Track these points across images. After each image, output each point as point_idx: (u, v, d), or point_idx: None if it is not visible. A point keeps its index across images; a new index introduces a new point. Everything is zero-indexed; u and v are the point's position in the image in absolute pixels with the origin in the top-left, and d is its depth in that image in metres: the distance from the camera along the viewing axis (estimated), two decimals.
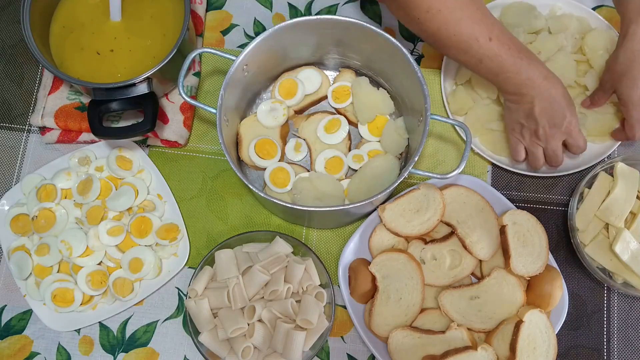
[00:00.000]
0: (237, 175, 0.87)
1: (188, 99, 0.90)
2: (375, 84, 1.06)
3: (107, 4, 0.99)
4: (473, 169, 1.07)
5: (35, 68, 1.12)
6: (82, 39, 1.00)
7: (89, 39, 1.00)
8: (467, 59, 0.88)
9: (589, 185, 1.01)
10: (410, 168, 0.86)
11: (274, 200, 0.87)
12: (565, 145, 0.96)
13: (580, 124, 0.95)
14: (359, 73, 1.07)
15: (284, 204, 0.86)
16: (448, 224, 0.98)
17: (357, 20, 0.91)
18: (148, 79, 0.95)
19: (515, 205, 1.00)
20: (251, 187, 0.86)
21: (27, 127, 1.10)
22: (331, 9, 1.15)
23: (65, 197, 1.01)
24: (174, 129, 1.05)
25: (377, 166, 1.00)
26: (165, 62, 0.94)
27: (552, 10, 1.11)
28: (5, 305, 1.01)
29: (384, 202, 0.98)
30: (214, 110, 0.90)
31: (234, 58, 0.91)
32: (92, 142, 1.06)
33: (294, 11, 1.15)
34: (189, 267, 1.03)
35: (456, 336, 0.91)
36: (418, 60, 1.12)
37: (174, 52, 0.95)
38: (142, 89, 0.95)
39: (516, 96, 0.91)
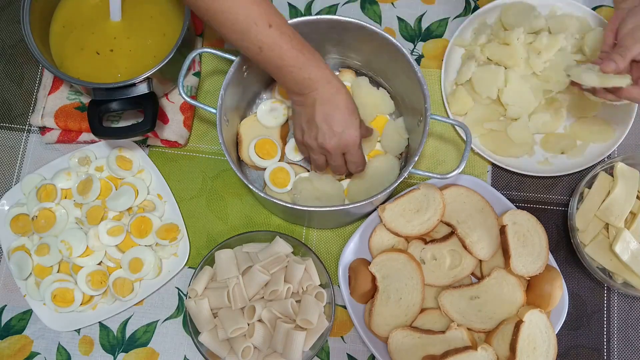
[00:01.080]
0: (237, 175, 0.87)
1: (188, 99, 0.90)
2: (375, 84, 1.06)
3: (107, 4, 0.99)
4: (473, 169, 1.07)
5: (35, 68, 1.12)
6: (82, 39, 1.00)
7: (89, 39, 1.00)
8: (246, 45, 0.81)
9: (589, 185, 1.01)
10: (410, 168, 0.86)
11: (274, 200, 0.87)
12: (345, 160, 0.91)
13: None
14: (359, 73, 1.07)
15: (284, 204, 0.86)
16: (448, 224, 0.98)
17: (357, 20, 0.91)
18: (148, 79, 0.95)
19: (515, 205, 1.00)
20: (251, 187, 0.86)
21: (27, 127, 1.10)
22: (331, 9, 1.15)
23: (65, 197, 1.01)
24: (174, 129, 1.05)
25: (377, 166, 1.00)
26: (165, 62, 0.94)
27: (552, 10, 1.11)
28: (5, 305, 1.01)
29: (384, 202, 0.98)
30: (214, 110, 0.90)
31: (234, 58, 0.91)
32: (92, 142, 1.06)
33: (294, 11, 1.15)
34: (189, 267, 1.03)
35: (456, 336, 0.91)
36: (418, 60, 1.12)
37: (174, 52, 0.95)
38: (142, 89, 0.95)
39: (300, 97, 0.86)
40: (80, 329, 1.00)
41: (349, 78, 1.05)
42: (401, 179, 0.87)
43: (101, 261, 0.99)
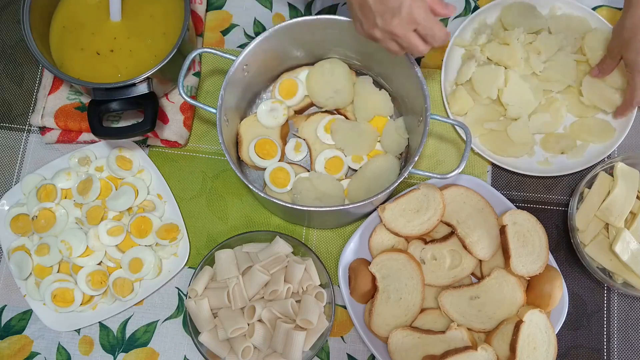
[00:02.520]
0: (237, 175, 0.87)
1: (188, 99, 0.90)
2: (376, 84, 1.06)
3: (107, 4, 0.99)
4: (473, 169, 1.07)
5: (35, 68, 1.12)
6: (82, 39, 1.00)
7: (89, 39, 1.00)
8: None
9: (589, 185, 1.01)
10: (410, 168, 0.86)
11: (274, 200, 0.87)
12: (420, 34, 0.79)
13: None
14: (359, 73, 1.07)
15: (284, 204, 0.86)
16: (448, 224, 0.98)
17: None
18: (148, 79, 0.95)
19: (515, 205, 1.00)
20: (251, 187, 0.86)
21: (27, 127, 1.10)
22: (331, 9, 1.15)
23: (65, 197, 1.01)
24: (174, 129, 1.05)
25: (377, 166, 1.00)
26: (165, 62, 0.94)
27: (552, 10, 1.11)
28: (5, 305, 1.01)
29: (384, 202, 0.98)
30: (214, 110, 0.90)
31: (234, 58, 0.91)
32: (92, 142, 1.06)
33: (294, 11, 1.15)
34: (189, 267, 1.03)
35: (456, 336, 0.91)
36: (418, 60, 1.12)
37: (174, 52, 0.95)
38: (142, 89, 0.95)
39: None
40: (80, 329, 1.00)
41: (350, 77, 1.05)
42: (401, 179, 0.87)
43: (101, 261, 0.99)
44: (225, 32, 1.14)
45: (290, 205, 0.86)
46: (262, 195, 0.87)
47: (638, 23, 0.91)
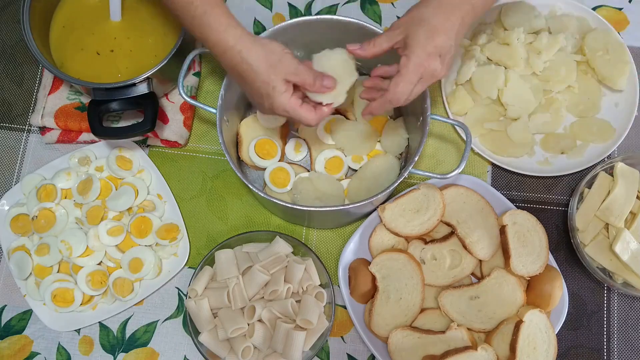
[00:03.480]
0: (237, 175, 0.87)
1: (188, 99, 0.90)
2: None
3: (107, 4, 0.99)
4: (473, 169, 1.07)
5: (35, 68, 1.12)
6: (82, 39, 1.00)
7: (89, 39, 1.00)
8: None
9: (589, 185, 1.01)
10: (410, 168, 0.86)
11: (274, 200, 0.87)
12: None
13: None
14: (359, 73, 1.06)
15: (284, 204, 0.86)
16: (448, 224, 0.98)
17: (357, 20, 0.91)
18: (148, 79, 0.95)
19: (515, 205, 1.00)
20: (251, 187, 0.86)
21: (27, 127, 1.10)
22: (331, 9, 1.15)
23: (65, 197, 1.01)
24: (174, 129, 1.05)
25: (377, 166, 1.00)
26: (165, 62, 0.94)
27: (552, 10, 1.11)
28: (5, 305, 1.01)
29: (384, 202, 0.98)
30: (214, 110, 0.90)
31: None
32: (92, 142, 1.06)
33: (294, 11, 1.15)
34: (189, 267, 1.03)
35: (456, 336, 0.91)
36: None
37: (174, 51, 0.95)
38: (142, 89, 0.95)
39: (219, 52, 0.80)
40: (80, 329, 1.00)
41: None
42: (401, 179, 0.87)
43: (101, 261, 0.99)
44: None
45: (290, 205, 0.86)
46: (262, 195, 0.87)
47: (451, 6, 0.77)
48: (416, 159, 0.87)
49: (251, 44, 0.77)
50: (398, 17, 1.14)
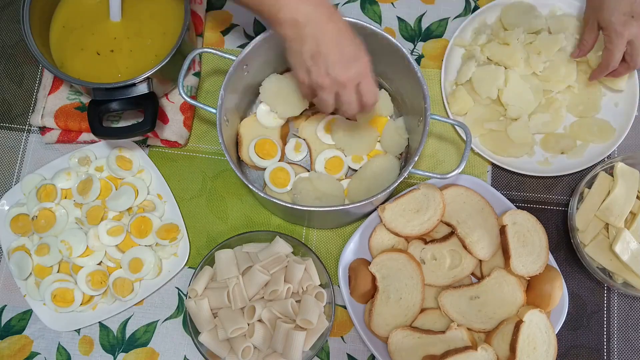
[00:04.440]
0: (237, 175, 0.87)
1: (188, 99, 0.90)
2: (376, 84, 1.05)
3: (107, 4, 0.99)
4: (473, 169, 1.07)
5: (35, 68, 1.12)
6: (82, 39, 1.00)
7: (89, 39, 1.00)
8: None
9: (589, 185, 1.01)
10: (410, 168, 0.86)
11: (274, 200, 0.87)
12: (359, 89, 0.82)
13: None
14: None
15: (284, 204, 0.86)
16: (448, 224, 0.98)
17: (357, 20, 0.91)
18: (148, 79, 0.95)
19: (515, 205, 1.00)
20: (251, 187, 0.86)
21: (27, 127, 1.10)
22: None
23: (65, 197, 1.01)
24: (174, 129, 1.05)
25: (377, 166, 1.00)
26: (165, 62, 0.94)
27: (552, 10, 1.11)
28: (5, 305, 1.01)
29: (384, 202, 0.98)
30: (214, 110, 0.90)
31: (234, 58, 0.91)
32: (92, 142, 1.06)
33: None
34: (189, 267, 1.03)
35: (456, 336, 0.91)
36: (418, 60, 1.12)
37: (174, 51, 0.95)
38: (142, 89, 0.95)
39: (293, 29, 0.76)
40: (80, 329, 1.00)
41: None
42: (401, 179, 0.87)
43: (101, 261, 0.99)
44: (225, 32, 1.14)
45: (290, 205, 0.86)
46: (262, 195, 0.87)
47: None
48: (416, 159, 0.87)
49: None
50: (398, 17, 1.14)
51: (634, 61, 0.96)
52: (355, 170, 1.02)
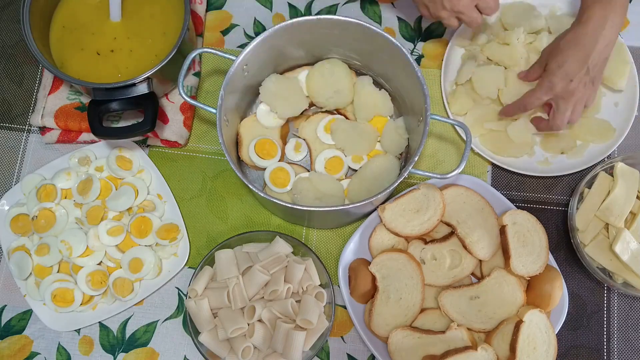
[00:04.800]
0: (237, 175, 0.87)
1: (188, 99, 0.90)
2: (376, 84, 1.05)
3: (107, 4, 0.99)
4: (473, 169, 1.07)
5: (35, 68, 1.12)
6: (82, 39, 1.00)
7: (89, 39, 1.00)
8: None
9: (589, 185, 1.01)
10: (410, 168, 0.86)
11: (274, 200, 0.87)
12: (478, 7, 0.93)
13: None
14: (359, 73, 1.07)
15: (284, 204, 0.86)
16: (448, 224, 0.98)
17: (357, 20, 0.91)
18: (148, 79, 0.95)
19: (515, 205, 1.00)
20: (251, 187, 0.86)
21: (27, 127, 1.10)
22: (331, 9, 1.15)
23: (65, 197, 1.01)
24: (174, 129, 1.05)
25: (377, 166, 1.00)
26: (166, 62, 0.94)
27: (552, 10, 1.11)
28: (5, 305, 1.01)
29: (384, 202, 0.98)
30: (214, 110, 0.90)
31: (234, 58, 0.91)
32: (92, 142, 1.06)
33: (294, 11, 1.15)
34: (189, 267, 1.03)
35: (456, 336, 0.91)
36: (418, 60, 1.12)
37: (174, 51, 0.95)
38: (142, 89, 0.95)
39: None
40: (80, 329, 1.00)
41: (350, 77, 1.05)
42: (401, 179, 0.87)
43: (101, 261, 0.99)
44: (225, 32, 1.14)
45: (290, 205, 0.86)
46: (262, 195, 0.87)
47: (576, 39, 0.89)
48: (416, 159, 0.87)
49: None
50: (398, 17, 1.14)
51: (553, 120, 0.95)
52: (355, 170, 1.02)
